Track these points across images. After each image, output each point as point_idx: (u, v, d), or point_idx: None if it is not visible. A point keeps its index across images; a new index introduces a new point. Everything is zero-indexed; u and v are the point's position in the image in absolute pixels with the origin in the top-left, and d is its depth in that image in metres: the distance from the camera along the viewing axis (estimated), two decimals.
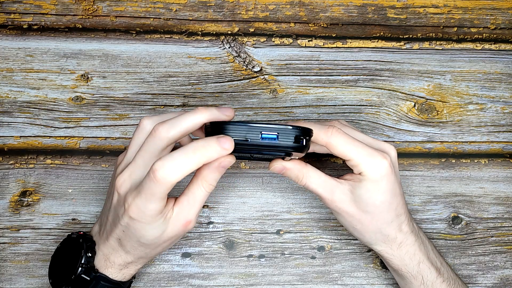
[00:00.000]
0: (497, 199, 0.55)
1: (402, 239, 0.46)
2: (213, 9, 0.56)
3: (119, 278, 0.44)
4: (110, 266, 0.44)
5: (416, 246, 0.46)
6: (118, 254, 0.44)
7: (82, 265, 0.43)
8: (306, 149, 0.40)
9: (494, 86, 0.57)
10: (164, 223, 0.41)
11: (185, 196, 0.42)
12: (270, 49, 0.56)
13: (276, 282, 0.53)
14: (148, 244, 0.42)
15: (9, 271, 0.51)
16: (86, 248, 0.44)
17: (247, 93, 0.55)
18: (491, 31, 0.58)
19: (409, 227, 0.46)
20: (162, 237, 0.42)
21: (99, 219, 0.47)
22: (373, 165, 0.43)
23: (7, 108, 0.53)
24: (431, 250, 0.48)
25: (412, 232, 0.46)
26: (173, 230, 0.42)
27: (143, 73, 0.55)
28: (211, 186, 0.41)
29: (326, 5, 0.57)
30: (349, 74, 0.56)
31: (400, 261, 0.47)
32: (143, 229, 0.41)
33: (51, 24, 0.55)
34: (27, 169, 0.53)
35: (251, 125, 0.39)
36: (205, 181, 0.41)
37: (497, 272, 0.54)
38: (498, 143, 0.56)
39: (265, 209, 0.54)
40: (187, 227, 0.42)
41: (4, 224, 0.52)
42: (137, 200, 0.39)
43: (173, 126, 0.40)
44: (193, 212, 0.42)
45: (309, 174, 0.44)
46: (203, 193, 0.42)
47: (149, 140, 0.41)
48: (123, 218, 0.41)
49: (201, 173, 0.41)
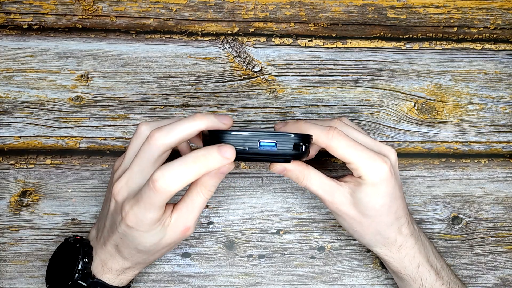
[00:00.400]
0: (497, 199, 0.55)
1: (401, 241, 0.46)
2: (213, 9, 0.56)
3: (116, 283, 0.44)
4: (107, 272, 0.44)
5: (415, 249, 0.46)
6: (116, 260, 0.43)
7: (79, 271, 0.43)
8: (305, 155, 0.40)
9: (494, 86, 0.57)
10: (162, 230, 0.41)
11: (184, 203, 0.41)
12: (270, 49, 0.56)
13: (276, 282, 0.53)
14: (146, 251, 0.42)
15: (9, 271, 0.51)
16: (83, 254, 0.44)
17: (247, 93, 0.55)
18: (491, 31, 0.58)
19: (409, 229, 0.46)
20: (160, 244, 0.42)
21: (97, 223, 0.46)
22: (372, 169, 0.42)
23: (7, 108, 0.53)
24: (431, 252, 0.48)
25: (412, 235, 0.46)
26: (171, 237, 0.41)
27: (143, 73, 0.55)
28: (210, 192, 0.41)
29: (326, 5, 0.57)
30: (349, 74, 0.56)
31: (399, 263, 0.46)
32: (141, 236, 0.40)
33: (51, 24, 0.55)
34: (27, 169, 0.53)
35: (249, 134, 0.38)
36: (204, 187, 0.41)
37: (497, 272, 0.54)
38: (498, 143, 0.56)
39: (265, 209, 0.54)
40: (186, 234, 0.42)
41: (4, 224, 0.52)
42: (135, 209, 0.39)
43: (170, 133, 0.39)
44: (192, 218, 0.42)
45: (310, 175, 0.44)
46: (202, 199, 0.41)
47: (145, 146, 0.40)
48: (120, 225, 0.40)
49: (200, 179, 0.40)
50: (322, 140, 0.42)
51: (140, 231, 0.40)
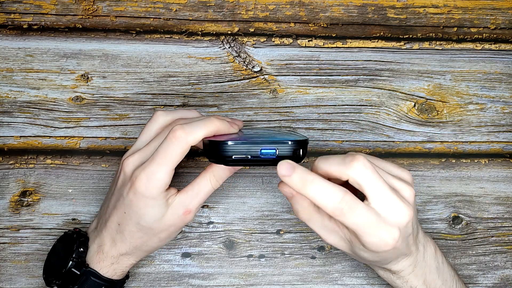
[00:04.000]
0: (497, 199, 0.55)
1: (398, 270, 0.45)
2: (213, 9, 0.56)
3: (109, 274, 0.44)
4: (102, 259, 0.44)
5: (412, 276, 0.45)
6: (114, 243, 0.44)
7: (73, 259, 0.44)
8: (303, 158, 0.41)
9: (494, 86, 0.57)
10: (165, 205, 0.42)
11: (191, 186, 0.43)
12: (270, 49, 0.56)
13: (276, 282, 0.53)
14: (147, 228, 0.43)
15: (9, 271, 0.51)
16: (78, 243, 0.44)
17: (247, 93, 0.55)
18: (491, 31, 0.58)
19: (409, 260, 0.44)
20: (161, 223, 0.42)
21: (98, 214, 0.47)
22: (375, 241, 0.39)
23: (7, 108, 0.53)
24: (433, 269, 0.46)
25: (411, 265, 0.44)
26: (172, 217, 0.42)
27: (143, 73, 0.55)
28: (217, 183, 0.43)
29: (326, 5, 0.57)
30: (349, 74, 0.56)
31: (394, 284, 0.47)
32: (145, 206, 0.41)
33: (51, 24, 0.55)
34: (27, 169, 0.53)
35: (251, 143, 0.40)
36: (213, 176, 0.43)
37: (498, 272, 0.54)
38: (498, 143, 0.56)
39: (265, 209, 0.54)
40: (186, 217, 0.43)
41: (4, 224, 0.52)
42: (146, 169, 0.40)
43: (192, 133, 0.40)
44: (195, 203, 0.43)
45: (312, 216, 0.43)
46: (209, 187, 0.43)
47: (169, 142, 0.40)
48: (127, 195, 0.41)
49: (212, 167, 0.42)
50: (335, 214, 0.38)
51: (146, 198, 0.41)
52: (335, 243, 0.43)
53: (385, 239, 0.39)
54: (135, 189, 0.41)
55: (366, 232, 0.39)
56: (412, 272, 0.45)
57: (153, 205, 0.41)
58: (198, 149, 0.54)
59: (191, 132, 0.40)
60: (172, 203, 0.42)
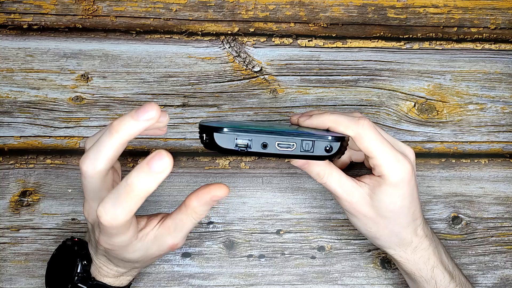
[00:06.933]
0: (497, 199, 0.55)
1: (417, 243, 0.45)
2: (213, 9, 0.56)
3: (117, 284, 0.44)
4: (105, 276, 0.43)
5: (430, 251, 0.45)
6: (110, 267, 0.43)
7: (78, 274, 0.43)
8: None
9: (494, 86, 0.57)
10: (145, 244, 0.39)
11: (173, 221, 0.39)
12: (270, 49, 0.56)
13: (276, 282, 0.53)
14: (135, 261, 0.41)
15: (9, 271, 0.51)
16: (81, 257, 0.44)
17: (247, 93, 0.55)
18: (491, 31, 0.58)
19: (424, 231, 0.45)
20: (147, 255, 0.40)
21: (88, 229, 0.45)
22: (396, 168, 0.41)
23: (7, 108, 0.53)
24: (444, 253, 0.47)
25: (426, 236, 0.45)
26: (159, 250, 0.40)
27: (143, 73, 0.55)
28: (201, 216, 0.39)
29: (326, 5, 0.57)
30: (349, 74, 0.56)
31: (414, 265, 0.46)
32: (123, 253, 0.39)
33: (51, 24, 0.55)
34: (27, 169, 0.53)
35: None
36: (195, 212, 0.39)
37: (497, 272, 0.54)
38: (498, 143, 0.56)
39: (265, 209, 0.54)
40: (174, 248, 0.41)
41: (4, 224, 0.52)
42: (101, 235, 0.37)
43: (97, 159, 0.35)
44: (180, 237, 0.40)
45: (331, 173, 0.43)
46: (192, 222, 0.39)
47: (82, 180, 0.37)
48: (100, 245, 0.39)
49: (191, 204, 0.38)
50: (352, 129, 0.41)
51: (118, 251, 0.39)
52: (356, 200, 0.43)
53: (404, 163, 0.42)
54: (104, 247, 0.38)
55: (384, 155, 0.41)
56: (430, 246, 0.45)
57: (130, 250, 0.39)
58: (198, 149, 0.54)
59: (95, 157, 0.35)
60: (154, 238, 0.39)
